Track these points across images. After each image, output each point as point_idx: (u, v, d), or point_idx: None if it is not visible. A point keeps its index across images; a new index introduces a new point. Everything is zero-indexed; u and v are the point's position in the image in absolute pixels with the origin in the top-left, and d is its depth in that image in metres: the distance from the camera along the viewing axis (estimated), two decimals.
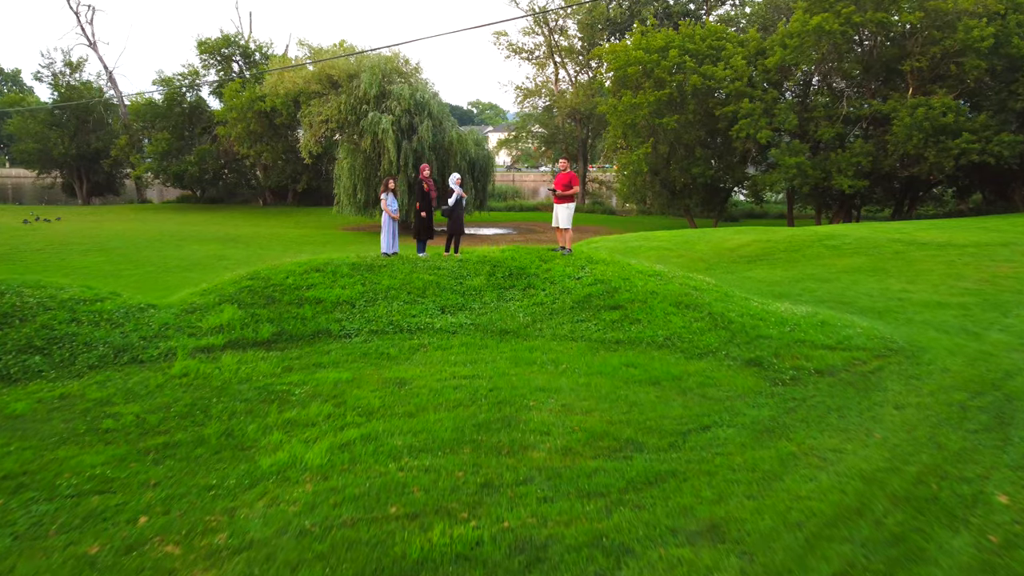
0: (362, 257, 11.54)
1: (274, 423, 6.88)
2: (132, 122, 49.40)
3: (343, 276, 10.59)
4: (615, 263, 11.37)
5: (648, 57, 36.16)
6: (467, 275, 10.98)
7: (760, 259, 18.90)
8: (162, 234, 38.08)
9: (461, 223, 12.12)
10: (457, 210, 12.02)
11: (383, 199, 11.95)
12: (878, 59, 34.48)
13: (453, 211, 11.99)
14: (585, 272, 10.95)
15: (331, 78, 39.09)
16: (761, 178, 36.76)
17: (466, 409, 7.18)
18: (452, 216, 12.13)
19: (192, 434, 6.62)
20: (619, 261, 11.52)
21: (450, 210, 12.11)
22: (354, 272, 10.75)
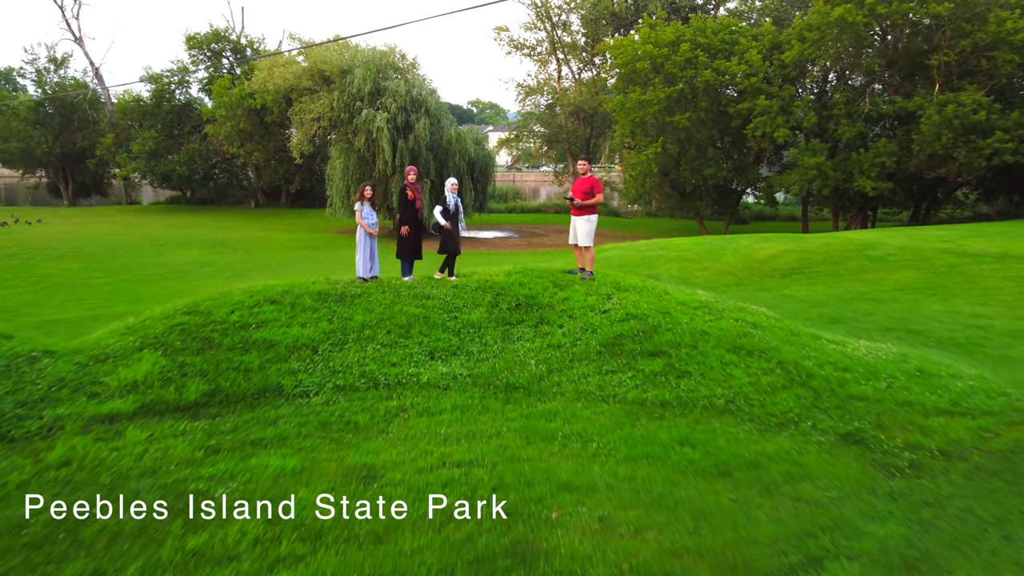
0: (332, 283, 9.13)
1: (170, 559, 4.50)
2: (119, 120, 46.92)
3: (305, 310, 8.20)
4: (649, 290, 8.97)
5: (658, 51, 33.75)
6: (463, 307, 8.60)
7: (796, 273, 16.52)
8: (145, 238, 35.68)
9: (456, 241, 9.81)
10: (451, 224, 9.74)
11: (357, 210, 9.60)
12: (903, 53, 32.06)
13: (445, 226, 9.70)
14: (613, 303, 8.57)
15: (323, 74, 36.65)
16: (777, 179, 34.35)
17: (459, 528, 4.81)
18: (445, 232, 9.83)
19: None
20: (653, 287, 9.12)
21: (440, 225, 9.81)
22: (319, 304, 8.36)
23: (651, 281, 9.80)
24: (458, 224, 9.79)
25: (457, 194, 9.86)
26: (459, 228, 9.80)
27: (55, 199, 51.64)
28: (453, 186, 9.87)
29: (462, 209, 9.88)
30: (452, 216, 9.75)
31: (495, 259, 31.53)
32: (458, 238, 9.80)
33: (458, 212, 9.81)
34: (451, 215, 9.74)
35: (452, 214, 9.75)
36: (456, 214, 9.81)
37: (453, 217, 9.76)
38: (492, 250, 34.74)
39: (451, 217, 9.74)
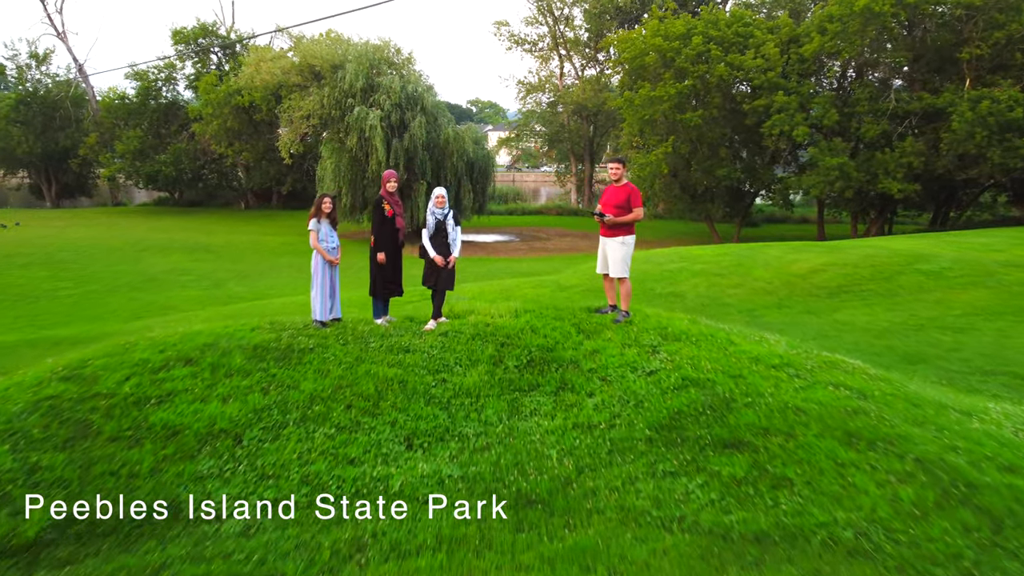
0: (278, 328, 6.69)
1: None
2: (103, 119, 44.38)
3: (231, 374, 5.76)
4: (707, 339, 6.52)
5: (668, 45, 31.28)
6: (455, 365, 6.16)
7: (844, 291, 14.09)
8: (126, 242, 33.20)
9: (445, 273, 7.25)
10: (439, 248, 7.23)
11: (312, 231, 7.12)
12: (931, 46, 29.63)
13: (434, 248, 7.23)
14: (661, 359, 6.13)
15: (313, 69, 34.19)
16: (794, 181, 31.91)
17: None
18: (428, 260, 7.36)
19: None
20: (713, 335, 6.65)
21: (426, 253, 7.34)
22: (253, 364, 5.91)
23: (705, 322, 7.34)
24: (450, 247, 7.29)
25: (447, 208, 7.33)
26: (452, 249, 7.31)
27: (39, 201, 49.10)
28: (439, 200, 7.28)
29: (457, 229, 7.36)
30: (441, 239, 7.24)
31: (494, 266, 29.11)
32: (448, 270, 7.26)
33: (450, 233, 7.28)
34: (441, 238, 7.24)
35: (442, 237, 7.25)
36: (446, 236, 7.25)
37: (442, 241, 7.24)
38: (491, 255, 32.29)
39: (440, 241, 7.24)
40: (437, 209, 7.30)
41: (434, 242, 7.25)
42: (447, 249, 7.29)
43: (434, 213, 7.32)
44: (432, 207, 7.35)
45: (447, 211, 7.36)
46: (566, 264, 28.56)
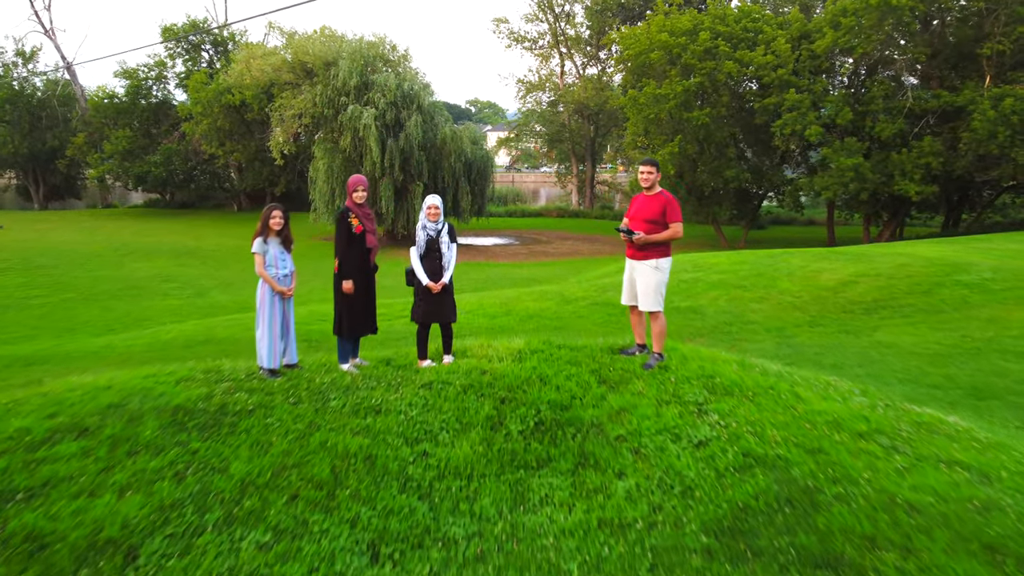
0: (213, 378, 5.18)
1: None
2: (92, 118, 42.80)
3: (136, 450, 4.23)
4: (766, 392, 5.00)
5: (674, 41, 29.81)
6: (441, 429, 4.64)
7: (882, 307, 12.58)
8: (110, 246, 31.67)
9: (442, 302, 5.75)
10: (431, 272, 5.75)
11: (257, 255, 5.65)
12: (949, 42, 28.14)
13: (426, 271, 5.75)
14: (711, 423, 4.62)
15: (305, 66, 32.67)
16: (806, 182, 30.41)
17: None
18: (419, 287, 5.84)
19: None
20: (774, 386, 5.11)
21: (415, 278, 5.85)
22: (170, 433, 4.38)
23: (758, 365, 5.82)
24: (443, 269, 5.76)
25: (442, 222, 5.81)
26: (444, 272, 5.76)
27: (27, 202, 47.50)
28: (432, 211, 5.76)
29: (453, 248, 5.90)
30: (434, 260, 5.76)
31: (494, 271, 27.57)
32: (444, 297, 5.75)
33: (444, 252, 5.79)
34: (433, 259, 5.76)
35: (434, 257, 5.77)
36: (440, 256, 5.75)
37: (434, 262, 5.76)
38: (491, 259, 30.77)
39: (433, 262, 5.75)
40: (430, 223, 5.76)
41: (425, 263, 5.73)
42: (441, 272, 5.79)
43: (426, 228, 5.78)
44: (424, 220, 5.80)
45: (441, 225, 5.83)
46: (568, 270, 27.06)
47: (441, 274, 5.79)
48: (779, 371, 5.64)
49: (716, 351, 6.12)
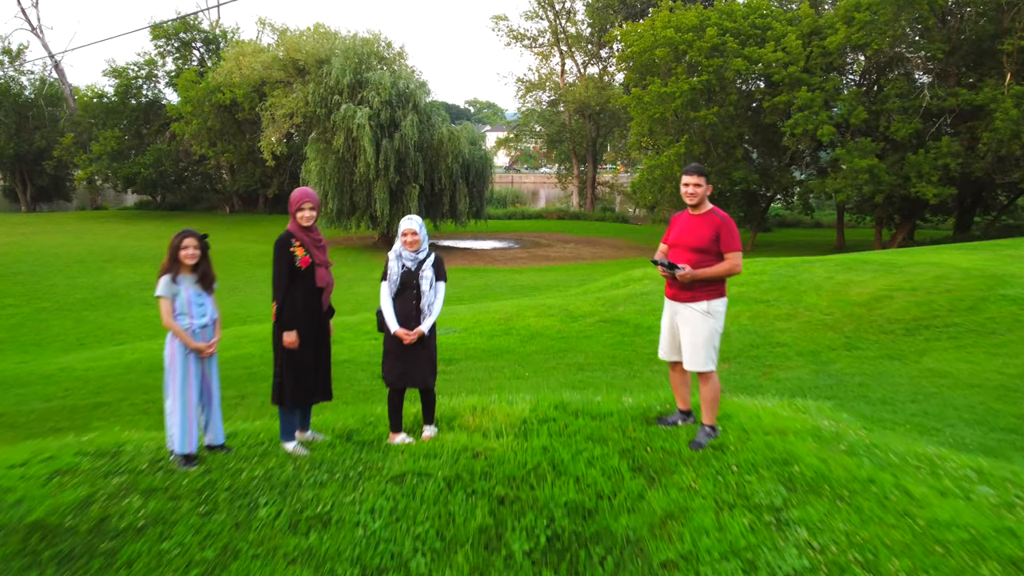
0: (99, 471, 3.79)
1: None
2: (80, 118, 41.35)
3: None
4: (863, 487, 3.67)
5: (680, 37, 28.42)
6: (414, 551, 3.26)
7: (924, 326, 11.20)
8: (92, 251, 30.26)
9: (420, 358, 4.28)
10: (406, 316, 4.31)
11: (162, 299, 4.08)
12: (968, 38, 26.77)
13: (399, 316, 4.31)
14: (798, 540, 3.24)
15: (297, 64, 31.27)
16: (817, 184, 29.02)
17: None
18: (389, 336, 4.37)
19: None
20: (872, 477, 3.79)
21: (385, 323, 4.37)
22: (13, 573, 3.05)
23: (846, 435, 4.43)
24: (422, 313, 4.32)
25: (424, 250, 4.38)
26: (423, 317, 4.31)
27: (13, 205, 46.04)
28: (410, 238, 4.31)
29: (440, 286, 4.41)
30: (411, 302, 4.32)
31: (493, 278, 26.17)
32: (422, 351, 4.28)
33: (425, 292, 4.32)
34: (410, 299, 4.31)
35: (411, 297, 4.32)
36: (418, 297, 4.30)
37: (411, 304, 4.31)
38: (490, 264, 29.37)
39: (409, 303, 4.31)
40: (407, 252, 4.31)
41: (398, 305, 4.31)
42: (417, 317, 4.32)
43: (401, 257, 4.33)
44: (398, 248, 4.35)
45: (423, 254, 4.35)
46: (571, 276, 25.70)
47: (417, 320, 4.29)
48: (869, 444, 4.25)
49: (779, 410, 4.71)
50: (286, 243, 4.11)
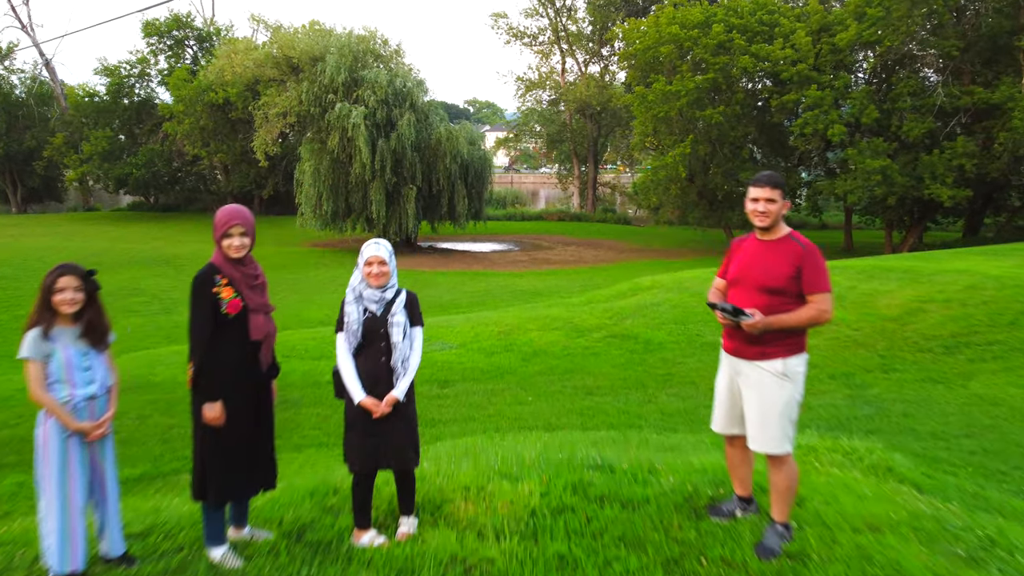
0: None
1: None
2: (72, 117, 40.29)
3: None
4: None
5: (685, 34, 27.39)
6: None
7: (963, 344, 10.17)
8: (80, 254, 29.10)
9: (390, 434, 3.15)
10: (372, 378, 3.15)
11: (30, 363, 2.95)
12: (985, 34, 25.72)
13: (364, 378, 3.15)
14: None
15: (290, 61, 30.24)
16: (827, 185, 27.96)
17: None
18: (351, 405, 3.17)
19: None
20: None
21: (344, 389, 3.20)
22: None
23: (929, 512, 3.40)
24: (393, 373, 3.21)
25: (393, 287, 3.29)
26: (396, 378, 3.22)
27: (4, 206, 44.98)
28: (376, 270, 3.23)
29: (416, 332, 3.30)
30: (379, 355, 3.21)
31: (492, 282, 25.12)
32: (397, 426, 3.21)
33: (396, 344, 3.20)
34: (378, 354, 3.21)
35: (379, 350, 3.21)
36: (387, 351, 3.20)
37: (378, 360, 3.21)
38: (489, 268, 28.31)
39: (377, 359, 3.21)
40: (371, 290, 3.24)
41: (361, 363, 3.23)
42: (389, 379, 3.22)
43: (363, 298, 3.25)
44: (358, 285, 3.28)
45: (391, 292, 3.28)
46: (573, 281, 24.64)
47: (389, 381, 3.20)
48: (984, 536, 3.22)
49: (860, 484, 3.66)
50: (207, 281, 3.03)
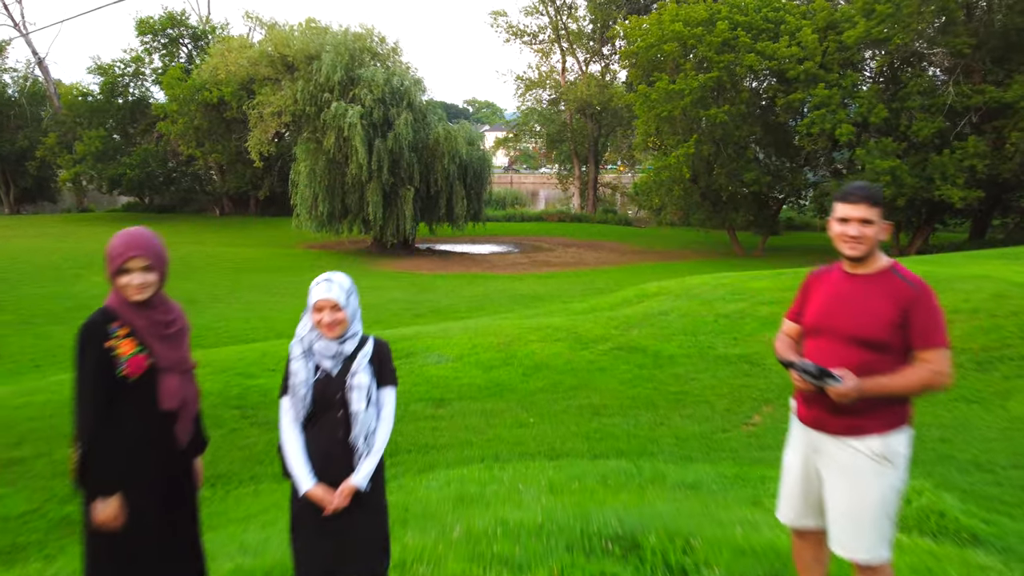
0: None
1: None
2: (65, 117, 39.54)
3: None
4: None
5: (689, 31, 26.67)
6: None
7: (997, 359, 9.43)
8: (71, 256, 28.37)
9: (355, 536, 2.39)
10: (324, 457, 2.34)
11: None
12: (998, 31, 25.01)
13: (315, 460, 2.33)
14: None
15: (285, 59, 29.48)
16: (834, 186, 27.21)
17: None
18: (297, 501, 2.36)
19: None
20: None
21: (289, 466, 2.38)
22: None
23: None
24: (354, 451, 2.39)
25: (351, 337, 2.47)
26: (358, 458, 2.42)
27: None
28: (328, 314, 2.42)
29: (387, 395, 2.49)
30: (334, 428, 2.40)
31: (491, 286, 24.37)
32: (362, 520, 2.40)
33: (357, 416, 2.39)
34: (333, 426, 2.40)
35: (335, 423, 2.40)
36: (345, 424, 2.39)
37: (337, 433, 2.39)
38: (488, 271, 27.57)
39: (333, 432, 2.40)
40: (324, 341, 2.47)
41: (316, 438, 2.45)
42: (348, 461, 2.42)
43: (313, 352, 2.48)
44: (308, 335, 2.49)
45: (351, 344, 2.52)
46: (574, 284, 23.90)
47: (348, 463, 2.43)
48: None
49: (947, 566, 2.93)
50: (97, 333, 2.28)
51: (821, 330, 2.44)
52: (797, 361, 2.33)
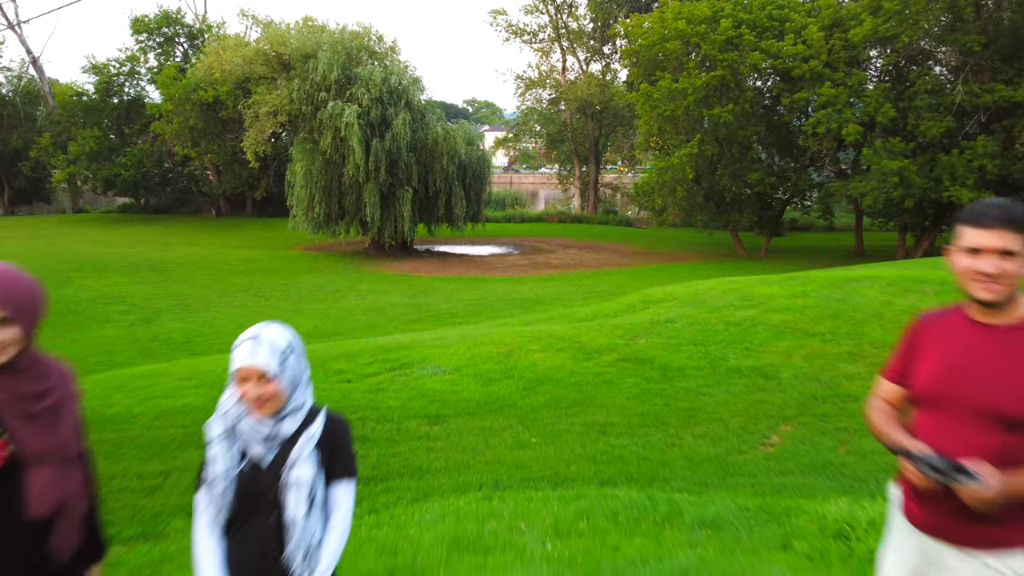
0: None
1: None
2: (60, 117, 38.97)
3: None
4: None
5: (692, 29, 26.11)
6: None
7: None
8: (62, 259, 27.81)
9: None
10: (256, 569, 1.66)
11: None
12: (1007, 28, 24.46)
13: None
14: None
15: (281, 58, 28.93)
16: (840, 187, 26.71)
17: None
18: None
19: None
20: None
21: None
22: None
23: None
24: (284, 566, 1.75)
25: (291, 413, 1.82)
26: (293, 570, 1.76)
27: None
28: (253, 388, 1.79)
29: (343, 490, 1.89)
30: (264, 535, 1.75)
31: (491, 289, 23.83)
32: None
33: (293, 516, 1.77)
34: (262, 533, 1.76)
35: (264, 528, 1.75)
36: (275, 530, 1.76)
37: (270, 539, 1.74)
38: (487, 273, 27.03)
39: (264, 540, 1.75)
40: (252, 421, 1.82)
41: (238, 549, 1.79)
42: (275, 535, 1.77)
43: (238, 433, 1.83)
44: (232, 410, 1.82)
45: (292, 422, 1.85)
46: (575, 287, 23.37)
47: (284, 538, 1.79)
48: None
49: None
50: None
51: (941, 401, 1.87)
52: (917, 452, 1.75)
